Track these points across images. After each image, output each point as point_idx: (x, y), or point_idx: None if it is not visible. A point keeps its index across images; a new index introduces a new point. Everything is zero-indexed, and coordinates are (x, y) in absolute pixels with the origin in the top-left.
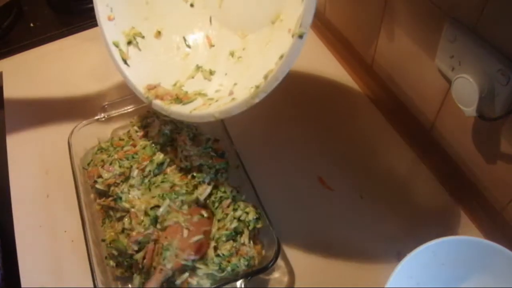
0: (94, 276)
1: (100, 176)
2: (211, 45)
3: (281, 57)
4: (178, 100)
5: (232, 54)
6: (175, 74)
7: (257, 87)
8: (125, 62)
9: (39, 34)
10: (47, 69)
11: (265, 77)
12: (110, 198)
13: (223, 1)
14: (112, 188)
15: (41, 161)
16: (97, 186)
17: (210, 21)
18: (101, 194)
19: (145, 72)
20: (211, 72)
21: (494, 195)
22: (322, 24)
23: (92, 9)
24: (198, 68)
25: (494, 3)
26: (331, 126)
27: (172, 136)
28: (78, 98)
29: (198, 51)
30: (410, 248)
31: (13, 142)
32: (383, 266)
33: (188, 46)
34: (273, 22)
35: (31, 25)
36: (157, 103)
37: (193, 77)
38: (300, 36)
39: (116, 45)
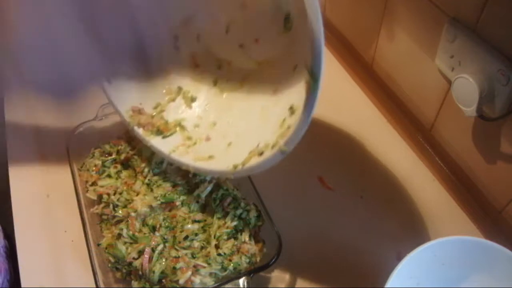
0: (96, 277)
1: (92, 184)
2: (196, 65)
3: (261, 154)
4: (158, 132)
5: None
6: (157, 94)
7: (235, 167)
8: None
9: None
10: None
11: (243, 163)
12: (103, 205)
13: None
14: (106, 196)
15: (41, 161)
16: (88, 195)
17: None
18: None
19: (127, 90)
20: (192, 99)
21: (494, 195)
22: (322, 24)
23: None
24: (180, 90)
25: (494, 3)
26: (330, 125)
27: None
28: (78, 98)
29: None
30: (410, 248)
31: (13, 142)
32: (383, 266)
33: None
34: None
35: None
36: (139, 131)
37: (174, 100)
38: (282, 152)
39: None
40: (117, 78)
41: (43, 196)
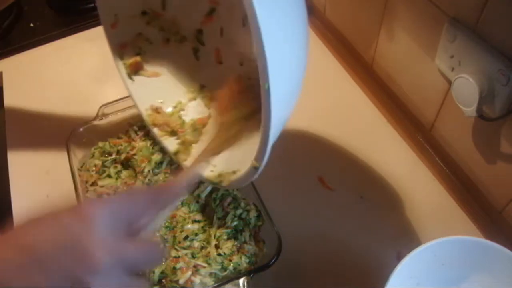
0: None
1: (92, 184)
2: (219, 62)
3: (234, 172)
4: (173, 133)
5: None
6: (178, 92)
7: (220, 175)
8: (129, 77)
9: (39, 34)
10: (47, 69)
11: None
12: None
13: None
14: (106, 197)
15: (41, 161)
16: (88, 195)
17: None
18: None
19: (149, 88)
20: (212, 99)
21: (494, 195)
22: (322, 24)
23: (92, 9)
24: (202, 88)
25: (494, 3)
26: (331, 126)
27: None
28: (78, 98)
29: (206, 65)
30: (410, 248)
31: (13, 142)
32: (383, 266)
33: (197, 58)
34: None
35: (31, 25)
36: (154, 130)
37: (194, 99)
38: (255, 168)
39: (121, 57)
40: (140, 75)
41: (43, 196)
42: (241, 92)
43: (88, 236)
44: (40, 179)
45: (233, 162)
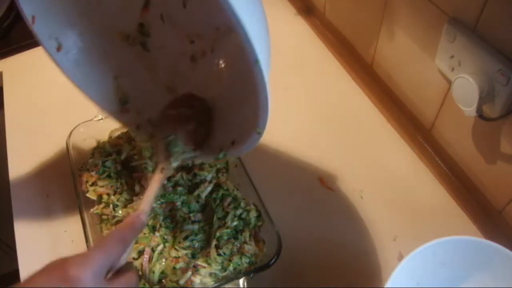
0: None
1: (92, 184)
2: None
3: (233, 142)
4: None
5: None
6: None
7: (221, 149)
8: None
9: None
10: (47, 69)
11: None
12: (103, 205)
13: None
14: (106, 197)
15: (41, 161)
16: (88, 195)
17: None
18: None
19: None
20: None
21: (494, 195)
22: (322, 24)
23: None
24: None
25: (494, 3)
26: (331, 126)
27: None
28: (78, 98)
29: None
30: (410, 248)
31: (13, 142)
32: (383, 266)
33: (147, 50)
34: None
35: None
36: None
37: None
38: (259, 133)
39: None
40: None
41: (43, 196)
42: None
43: None
44: (40, 179)
45: (223, 136)
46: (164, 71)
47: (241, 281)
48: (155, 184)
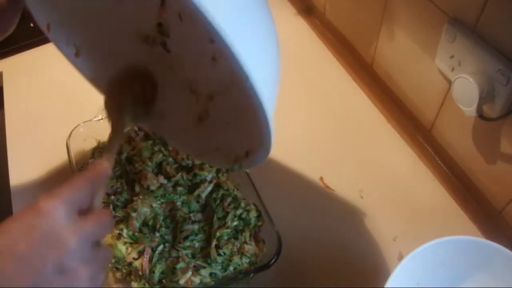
0: None
1: None
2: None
3: (247, 153)
4: None
5: None
6: None
7: (236, 159)
8: None
9: (39, 34)
10: (47, 69)
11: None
12: (102, 205)
13: None
14: (106, 197)
15: (41, 161)
16: None
17: None
18: None
19: None
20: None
21: (494, 195)
22: (322, 24)
23: None
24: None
25: (494, 3)
26: (331, 126)
27: None
28: (78, 98)
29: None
30: (410, 248)
31: (13, 142)
32: (383, 266)
33: (167, 50)
34: None
35: (31, 25)
36: None
37: None
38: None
39: None
40: None
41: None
42: None
43: (53, 226)
44: (40, 179)
45: (237, 143)
46: (186, 71)
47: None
48: (113, 133)
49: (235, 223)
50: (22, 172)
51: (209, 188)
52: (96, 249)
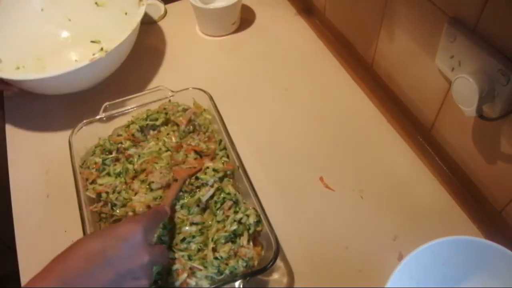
0: None
1: (92, 182)
2: None
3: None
4: None
5: None
6: None
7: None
8: None
9: None
10: None
11: None
12: (101, 203)
13: None
14: (105, 195)
15: (41, 161)
16: (88, 193)
17: None
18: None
19: None
20: None
21: (494, 195)
22: (322, 24)
23: None
24: None
25: (494, 3)
26: (331, 126)
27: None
28: (79, 97)
29: None
30: (410, 248)
31: (13, 142)
32: (383, 266)
33: None
34: None
35: None
36: None
37: None
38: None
39: None
40: None
41: (43, 196)
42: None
43: (137, 243)
44: (40, 179)
45: None
46: None
47: (236, 283)
48: (175, 187)
49: (234, 227)
50: (22, 172)
51: (210, 193)
52: (152, 273)
